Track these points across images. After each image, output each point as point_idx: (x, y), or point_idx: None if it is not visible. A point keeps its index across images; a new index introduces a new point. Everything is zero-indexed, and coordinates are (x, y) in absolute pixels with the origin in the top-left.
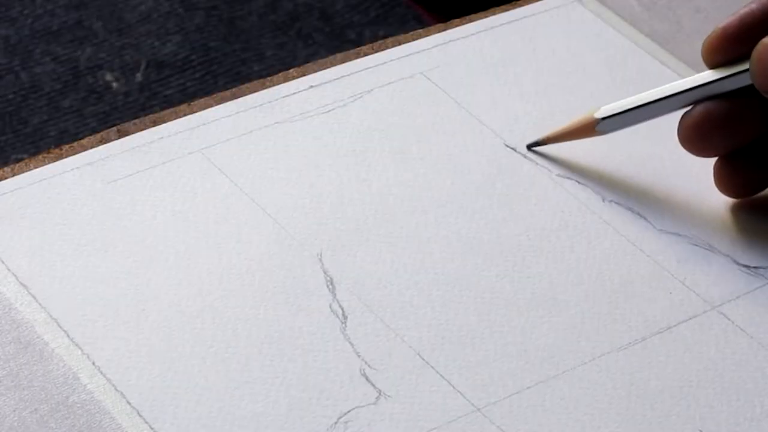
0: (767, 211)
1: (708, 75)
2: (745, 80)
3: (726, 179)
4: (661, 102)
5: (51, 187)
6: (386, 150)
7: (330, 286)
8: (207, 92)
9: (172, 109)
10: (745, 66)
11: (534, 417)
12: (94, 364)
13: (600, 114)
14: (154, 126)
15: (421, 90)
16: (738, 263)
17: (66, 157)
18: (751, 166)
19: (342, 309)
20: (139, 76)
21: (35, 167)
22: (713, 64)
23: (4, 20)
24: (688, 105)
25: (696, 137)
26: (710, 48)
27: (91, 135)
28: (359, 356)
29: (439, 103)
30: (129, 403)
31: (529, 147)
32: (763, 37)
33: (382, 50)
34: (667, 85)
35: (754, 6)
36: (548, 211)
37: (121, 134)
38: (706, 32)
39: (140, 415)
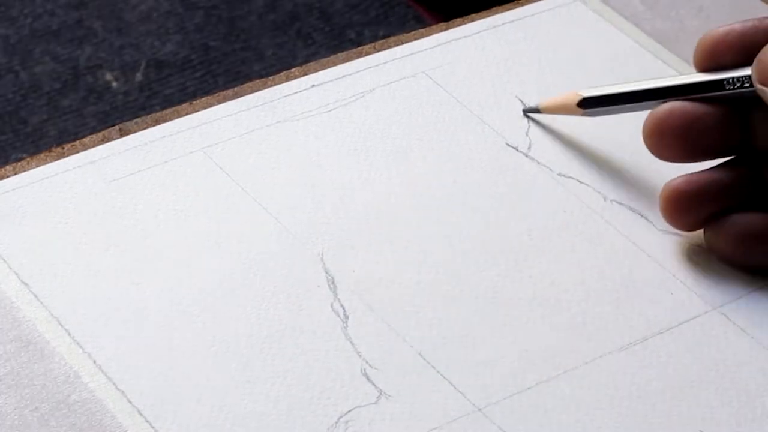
0: None
1: (702, 76)
2: (737, 85)
3: (672, 208)
4: (645, 94)
5: (52, 185)
6: (388, 149)
7: (331, 286)
8: (207, 92)
9: (173, 108)
10: (746, 72)
11: (535, 417)
12: (95, 362)
13: (585, 93)
14: (155, 125)
15: (423, 89)
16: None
17: (67, 155)
18: (699, 198)
19: (343, 308)
20: (138, 76)
21: (37, 166)
22: (704, 67)
23: (4, 20)
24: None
25: (656, 133)
26: (705, 52)
27: (91, 134)
28: (360, 356)
29: (441, 103)
30: (130, 402)
31: (525, 111)
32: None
33: (384, 49)
34: (657, 79)
35: (756, 22)
36: (550, 210)
37: (123, 133)
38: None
39: (141, 414)
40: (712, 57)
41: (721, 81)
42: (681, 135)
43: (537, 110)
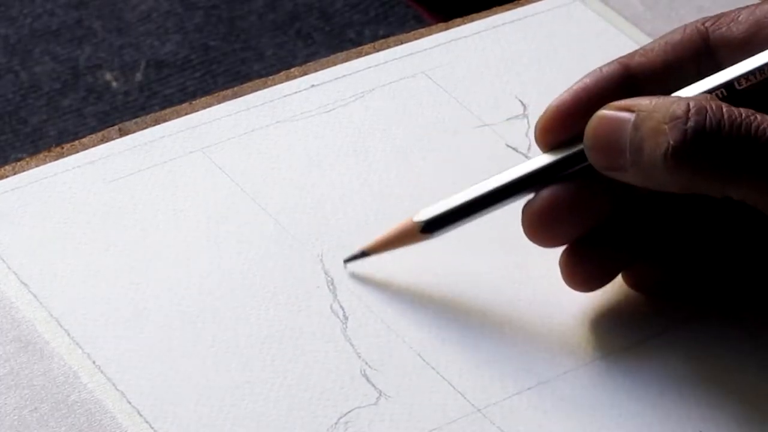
0: None
1: (541, 160)
2: (582, 160)
3: (572, 275)
4: (490, 196)
5: (52, 185)
6: (388, 149)
7: (331, 287)
8: (206, 92)
9: (173, 108)
10: (581, 145)
11: (534, 418)
12: (94, 363)
13: (419, 217)
14: (155, 125)
15: (422, 89)
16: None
17: (67, 155)
18: (599, 254)
19: (343, 309)
20: (138, 76)
21: (36, 166)
22: (548, 145)
23: (3, 20)
24: (526, 194)
25: (541, 226)
26: (544, 129)
27: (91, 134)
28: (360, 357)
29: (440, 103)
30: (129, 402)
31: (346, 261)
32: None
33: (384, 49)
34: (494, 177)
35: (587, 80)
36: None
37: (123, 133)
38: None
39: (140, 414)
40: (549, 136)
41: (569, 156)
42: (572, 220)
43: (364, 254)
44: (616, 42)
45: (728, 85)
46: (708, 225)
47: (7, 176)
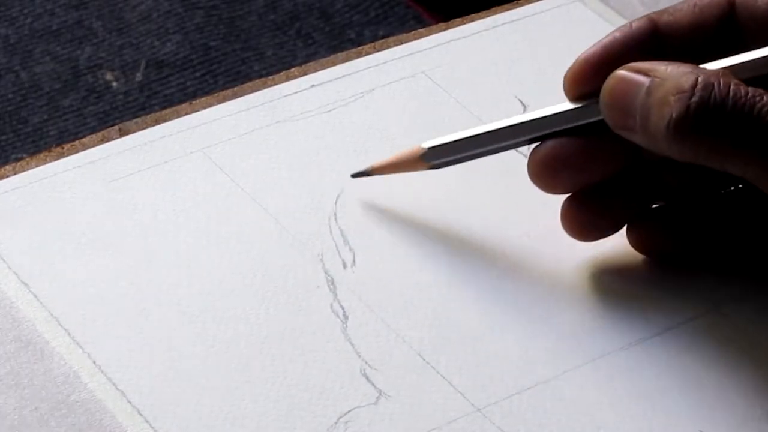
0: None
1: (555, 107)
2: (595, 114)
3: (572, 220)
4: (496, 134)
5: (52, 185)
6: (388, 149)
7: (331, 286)
8: (207, 92)
9: (173, 108)
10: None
11: (534, 417)
12: (94, 362)
13: (427, 144)
14: (155, 125)
15: (422, 89)
16: (739, 263)
17: (67, 155)
18: (599, 208)
19: (343, 309)
20: (139, 76)
21: (36, 166)
22: (575, 96)
23: (3, 19)
24: (535, 140)
25: (544, 174)
26: (571, 80)
27: (91, 134)
28: (360, 356)
29: (440, 103)
30: (129, 402)
31: (354, 176)
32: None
33: (384, 49)
34: (507, 119)
35: (617, 34)
36: (549, 210)
37: (123, 133)
38: None
39: (141, 414)
40: (576, 88)
41: (583, 107)
42: (574, 172)
43: (367, 173)
44: None
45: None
46: (717, 197)
47: (7, 176)
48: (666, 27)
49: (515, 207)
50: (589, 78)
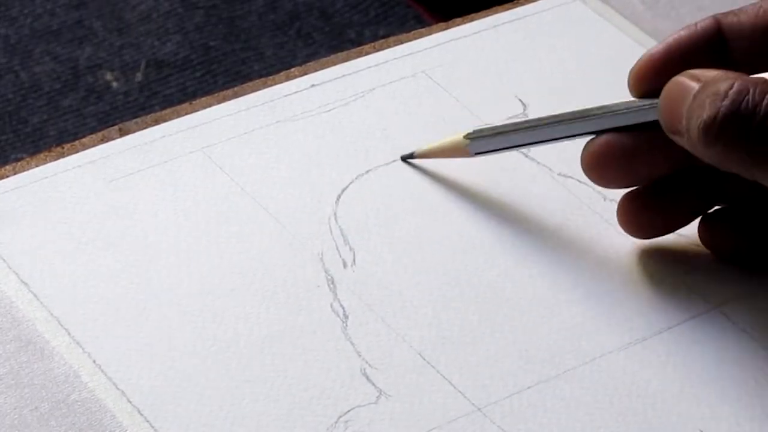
0: None
1: (610, 106)
2: (651, 115)
3: (628, 215)
4: (537, 130)
5: (52, 185)
6: (388, 149)
7: (331, 286)
8: (207, 92)
9: (173, 108)
10: (656, 101)
11: (534, 417)
12: (94, 362)
13: (471, 134)
14: (155, 125)
15: (422, 89)
16: (739, 263)
17: (67, 155)
18: (658, 206)
19: (343, 308)
20: (138, 76)
21: (36, 166)
22: (638, 92)
23: (3, 19)
24: (578, 136)
25: (597, 167)
26: (635, 77)
27: (91, 134)
28: (360, 356)
29: (441, 102)
30: (130, 402)
31: (402, 158)
32: (690, 66)
33: (384, 49)
34: (556, 113)
35: (682, 33)
36: (549, 210)
37: (123, 133)
38: None
39: (141, 414)
40: (639, 84)
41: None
42: (624, 169)
43: (413, 156)
44: (616, 41)
45: None
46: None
47: (7, 176)
48: (729, 28)
49: (515, 207)
50: (651, 76)
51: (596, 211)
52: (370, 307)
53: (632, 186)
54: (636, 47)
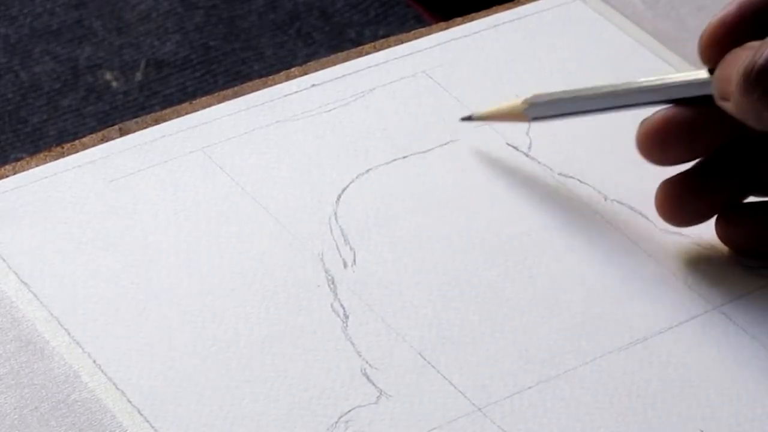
0: None
1: (662, 78)
2: (705, 89)
3: (667, 201)
4: (597, 98)
5: (52, 185)
6: (388, 149)
7: (331, 286)
8: (206, 91)
9: (173, 108)
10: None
11: (535, 417)
12: (95, 362)
13: (529, 99)
14: (155, 124)
15: (423, 89)
16: (740, 263)
17: (67, 155)
18: (697, 190)
19: (343, 308)
20: (138, 76)
21: (36, 166)
22: (712, 58)
23: (3, 19)
24: (636, 106)
25: (653, 143)
26: (709, 41)
27: (91, 134)
28: (360, 356)
29: (441, 102)
30: (130, 402)
31: (462, 119)
32: (763, 28)
33: (384, 49)
34: (612, 84)
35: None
36: (550, 210)
37: (123, 133)
38: None
39: (141, 414)
40: (710, 48)
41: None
42: (684, 144)
43: (471, 118)
44: (617, 41)
45: None
46: None
47: (7, 176)
48: None
49: (515, 206)
50: (725, 39)
51: (596, 210)
52: (370, 307)
53: (690, 161)
54: (636, 47)
